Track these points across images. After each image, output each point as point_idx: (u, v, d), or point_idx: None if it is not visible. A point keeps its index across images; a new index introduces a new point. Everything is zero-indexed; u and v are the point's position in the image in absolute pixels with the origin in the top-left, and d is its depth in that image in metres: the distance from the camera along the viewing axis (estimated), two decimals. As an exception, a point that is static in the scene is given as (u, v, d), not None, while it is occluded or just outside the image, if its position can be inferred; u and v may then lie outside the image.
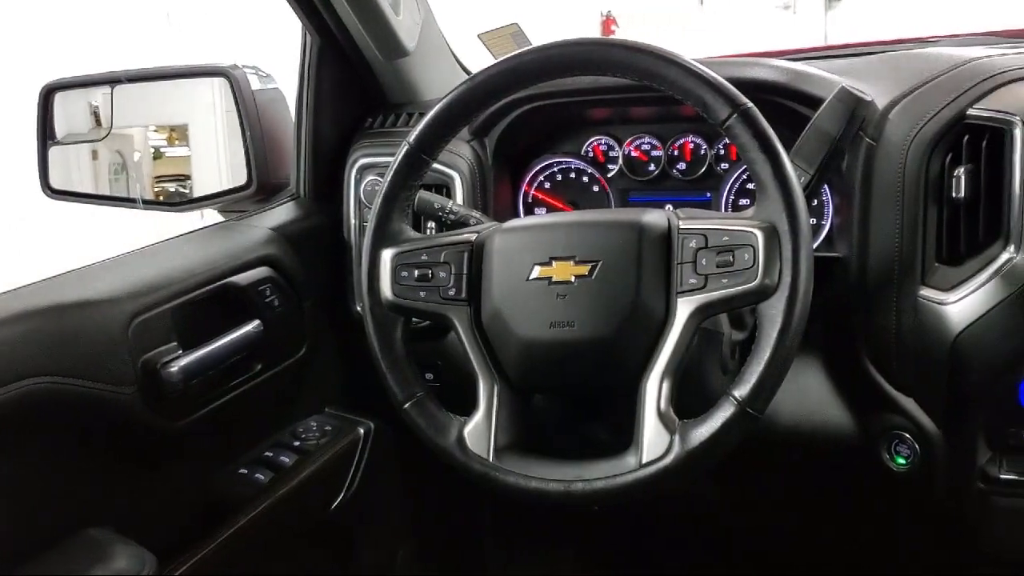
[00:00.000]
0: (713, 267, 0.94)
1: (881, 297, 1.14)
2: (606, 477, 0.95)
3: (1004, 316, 1.03)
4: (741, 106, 0.94)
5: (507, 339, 1.02)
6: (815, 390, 1.24)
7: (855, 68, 1.30)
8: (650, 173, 1.42)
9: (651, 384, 0.95)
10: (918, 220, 1.10)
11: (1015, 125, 1.02)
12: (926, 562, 1.31)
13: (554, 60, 1.02)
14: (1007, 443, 1.07)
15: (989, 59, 1.12)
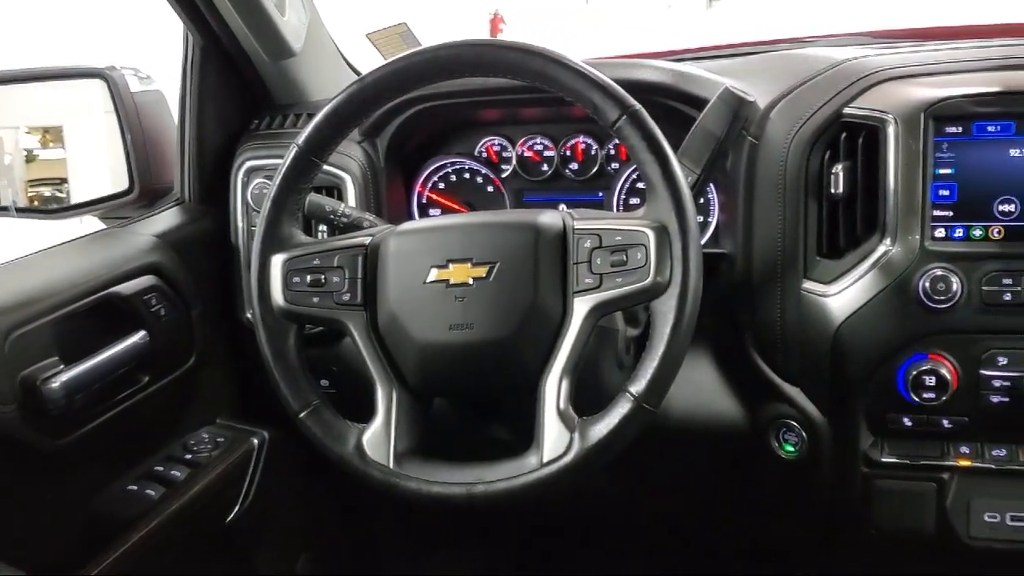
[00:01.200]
0: (607, 266, 0.95)
1: (766, 291, 1.18)
2: (508, 478, 0.95)
3: (882, 306, 1.08)
4: (630, 108, 0.96)
5: (405, 343, 1.01)
6: (706, 382, 1.28)
7: (737, 68, 1.34)
8: (543, 173, 1.43)
9: (550, 383, 0.95)
10: (799, 216, 1.14)
11: (888, 123, 1.07)
12: (817, 544, 1.37)
13: (444, 61, 1.02)
14: (888, 428, 1.12)
15: (863, 59, 1.17)
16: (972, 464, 1.11)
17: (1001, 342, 1.06)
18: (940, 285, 1.05)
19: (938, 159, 1.06)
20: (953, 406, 1.07)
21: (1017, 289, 1.04)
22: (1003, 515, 1.10)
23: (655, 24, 8.71)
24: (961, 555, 1.13)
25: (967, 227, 1.06)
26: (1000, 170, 1.05)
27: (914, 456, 1.13)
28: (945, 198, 1.06)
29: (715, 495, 1.43)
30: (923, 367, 1.07)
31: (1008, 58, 1.10)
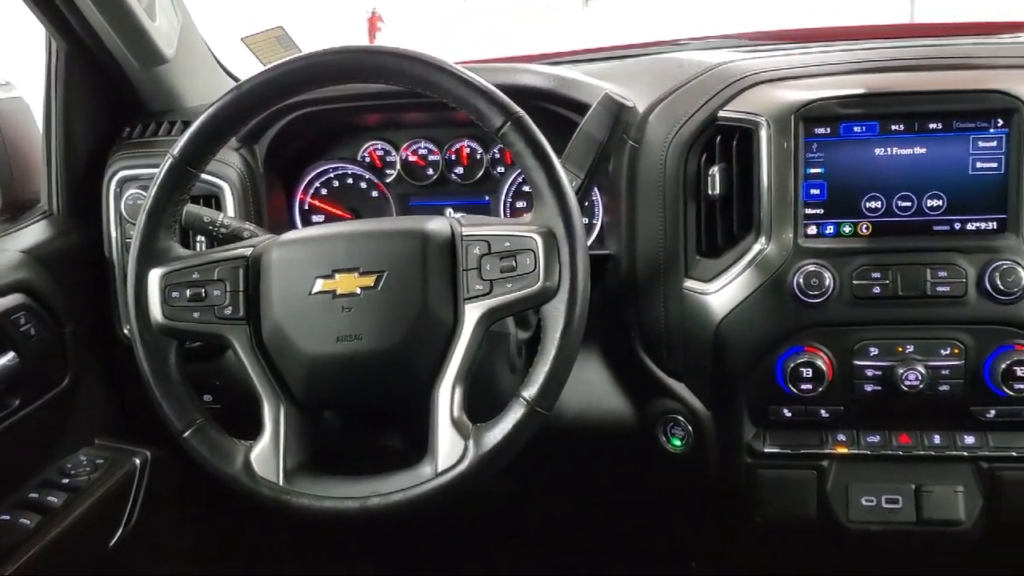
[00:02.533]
0: (497, 272, 0.95)
1: (650, 290, 1.20)
2: (403, 489, 0.95)
3: (759, 302, 1.12)
4: (514, 115, 0.96)
5: (291, 357, 0.99)
6: (596, 381, 1.30)
7: (615, 72, 1.36)
8: (429, 178, 1.43)
9: (443, 392, 0.95)
10: (679, 217, 1.17)
11: (760, 125, 1.11)
12: (707, 533, 1.41)
13: (324, 68, 1.00)
14: (769, 419, 1.16)
15: (735, 63, 1.21)
16: (849, 451, 1.16)
17: (872, 333, 1.11)
18: (813, 280, 1.09)
19: (808, 159, 1.10)
20: (829, 396, 1.12)
21: (885, 282, 1.09)
22: (879, 498, 1.15)
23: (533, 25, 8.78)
24: (842, 538, 1.18)
25: (837, 224, 1.11)
26: (866, 169, 1.10)
27: (795, 446, 1.17)
28: (816, 197, 1.11)
29: (608, 491, 1.46)
30: (800, 360, 1.11)
31: (871, 61, 1.15)
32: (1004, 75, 1.09)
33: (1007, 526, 1.14)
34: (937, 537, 1.16)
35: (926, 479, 1.15)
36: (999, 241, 1.07)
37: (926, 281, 1.08)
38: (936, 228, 1.09)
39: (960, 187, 1.08)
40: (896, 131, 1.08)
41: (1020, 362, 1.06)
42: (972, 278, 1.07)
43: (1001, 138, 1.06)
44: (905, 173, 1.09)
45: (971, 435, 1.14)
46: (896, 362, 1.10)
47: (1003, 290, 1.05)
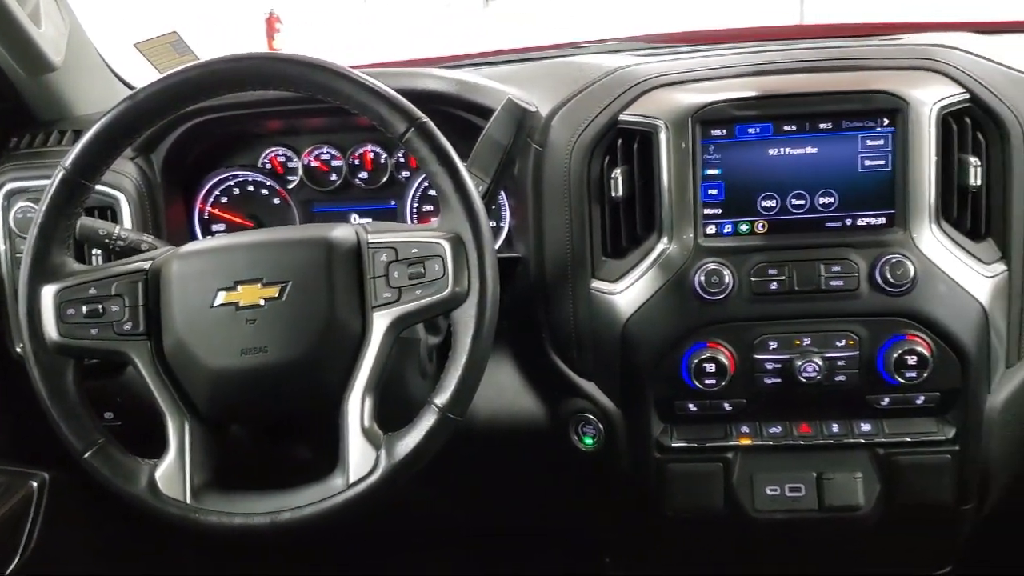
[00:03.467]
0: (405, 279, 0.95)
1: (558, 291, 1.22)
2: (314, 502, 0.94)
3: (664, 301, 1.15)
4: (417, 120, 0.96)
5: (195, 372, 0.97)
6: (508, 383, 1.31)
7: (517, 75, 1.37)
8: (332, 183, 1.41)
9: (353, 402, 0.95)
10: (584, 218, 1.18)
11: (660, 128, 1.13)
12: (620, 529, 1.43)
13: (223, 76, 0.99)
14: (676, 414, 1.19)
15: (635, 67, 1.23)
16: (752, 443, 1.19)
17: (771, 328, 1.14)
18: (714, 278, 1.12)
19: (706, 160, 1.13)
20: (732, 390, 1.15)
21: (782, 278, 1.12)
22: (782, 487, 1.19)
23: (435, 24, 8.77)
24: (748, 528, 1.21)
25: (735, 223, 1.14)
26: (761, 169, 1.13)
27: (701, 439, 1.19)
28: (714, 197, 1.14)
29: (522, 492, 1.47)
30: (703, 355, 1.13)
31: (764, 64, 1.19)
32: (889, 76, 1.13)
33: (902, 509, 1.19)
34: (839, 522, 1.20)
35: (826, 467, 1.19)
36: (888, 235, 1.12)
37: (820, 276, 1.12)
38: (828, 225, 1.13)
39: (850, 184, 1.12)
40: (788, 132, 1.12)
41: (911, 351, 1.11)
42: (864, 272, 1.11)
43: (887, 136, 1.11)
44: (798, 172, 1.12)
45: (867, 423, 1.18)
46: (794, 355, 1.13)
47: (893, 282, 1.10)
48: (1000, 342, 1.15)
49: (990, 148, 1.13)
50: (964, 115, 1.13)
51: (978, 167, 1.11)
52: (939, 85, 1.12)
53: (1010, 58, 1.19)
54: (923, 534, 1.28)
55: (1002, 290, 1.13)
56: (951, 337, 1.11)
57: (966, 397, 1.15)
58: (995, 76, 1.15)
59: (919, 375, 1.11)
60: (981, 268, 1.12)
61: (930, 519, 1.23)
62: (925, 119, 1.09)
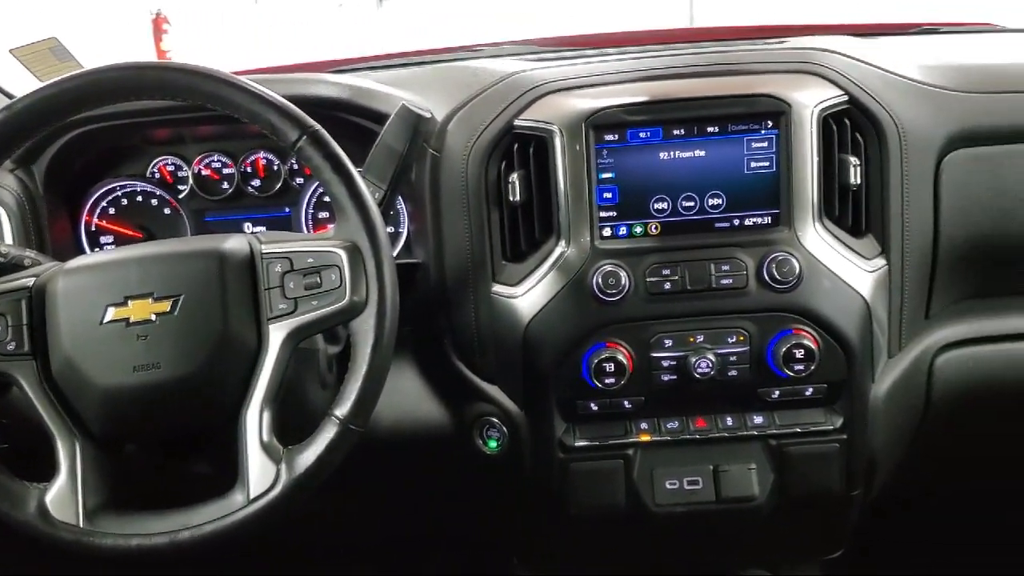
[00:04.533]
0: (301, 290, 0.94)
1: (459, 296, 1.22)
2: (215, 519, 0.92)
3: (563, 303, 1.16)
4: (309, 129, 0.95)
5: (85, 391, 0.94)
6: (410, 389, 1.30)
7: (411, 80, 1.37)
8: (224, 192, 1.38)
9: (251, 416, 0.93)
10: (483, 223, 1.19)
11: (555, 133, 1.15)
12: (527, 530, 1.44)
13: (107, 85, 0.96)
14: (578, 414, 1.21)
15: (529, 72, 1.24)
16: (651, 439, 1.22)
17: (666, 327, 1.17)
18: (611, 280, 1.14)
19: (600, 164, 1.15)
20: (631, 388, 1.17)
21: (675, 278, 1.15)
22: (681, 481, 1.22)
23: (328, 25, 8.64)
24: (650, 522, 1.24)
25: (630, 225, 1.16)
26: (653, 172, 1.16)
27: (602, 437, 1.22)
28: (609, 200, 1.16)
29: (429, 497, 1.47)
30: (603, 355, 1.15)
31: (654, 69, 1.21)
32: (773, 79, 1.17)
33: (795, 497, 1.24)
34: (735, 513, 1.24)
35: (722, 459, 1.22)
36: (774, 234, 1.16)
37: (711, 275, 1.15)
38: (718, 225, 1.16)
39: (737, 186, 1.16)
40: (678, 135, 1.15)
41: (798, 345, 1.15)
42: (752, 270, 1.15)
43: (772, 138, 1.15)
44: (687, 175, 1.15)
45: (760, 415, 1.22)
46: (689, 352, 1.16)
47: (779, 279, 1.14)
48: (882, 334, 1.21)
49: (868, 148, 1.18)
50: (844, 116, 1.18)
51: (857, 166, 1.16)
52: (819, 88, 1.17)
53: (886, 60, 1.25)
54: (815, 520, 1.33)
55: (882, 284, 1.19)
56: (836, 330, 1.16)
57: (851, 388, 1.20)
58: (872, 79, 1.20)
59: (806, 368, 1.15)
60: (862, 263, 1.17)
61: (821, 506, 1.28)
62: (807, 121, 1.14)
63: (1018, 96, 1.24)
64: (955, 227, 1.21)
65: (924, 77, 1.25)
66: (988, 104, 1.23)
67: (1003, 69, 1.31)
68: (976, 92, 1.24)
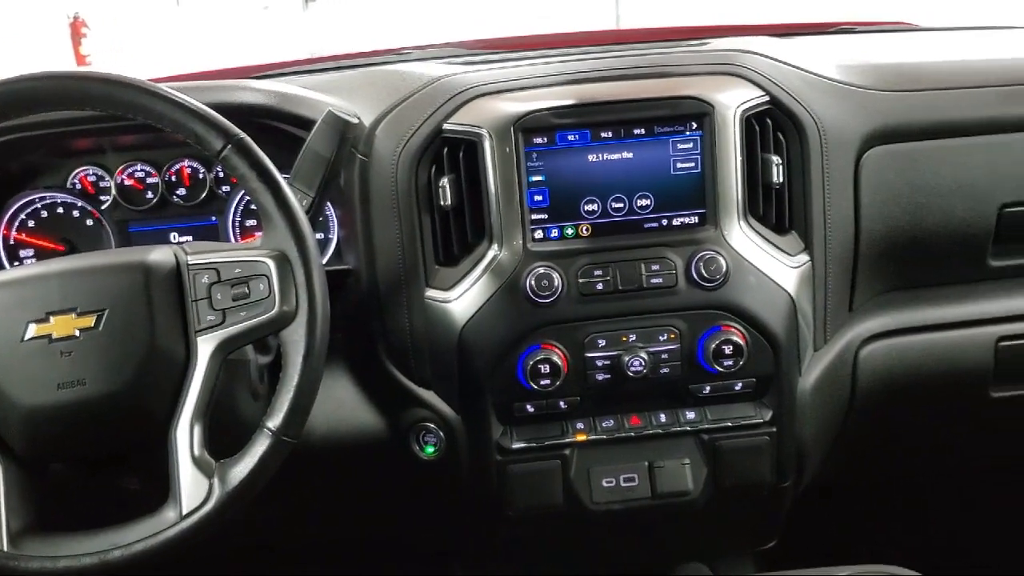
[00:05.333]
0: (229, 301, 0.93)
1: (393, 302, 1.22)
2: (146, 537, 0.90)
3: (497, 306, 1.17)
4: (234, 137, 0.94)
5: (7, 411, 0.92)
6: (345, 397, 1.29)
7: (338, 84, 1.36)
8: (148, 201, 1.35)
9: (181, 430, 0.92)
10: (415, 228, 1.19)
11: (484, 137, 1.15)
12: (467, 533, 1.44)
13: (23, 96, 0.93)
14: (514, 416, 1.21)
15: (457, 76, 1.24)
16: (588, 438, 1.23)
17: (599, 327, 1.18)
18: (544, 282, 1.15)
19: (530, 168, 1.16)
20: (566, 388, 1.18)
21: (607, 279, 1.16)
22: (617, 478, 1.23)
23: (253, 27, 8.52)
24: (588, 520, 1.25)
25: (561, 227, 1.17)
26: (582, 175, 1.17)
27: (539, 438, 1.22)
28: (539, 203, 1.17)
29: (367, 505, 1.46)
30: (538, 357, 1.16)
31: (581, 72, 1.22)
32: (696, 82, 1.19)
33: (728, 489, 1.26)
34: (671, 507, 1.25)
35: (657, 455, 1.24)
36: (701, 233, 1.18)
37: (641, 275, 1.17)
38: (647, 226, 1.18)
39: (664, 187, 1.17)
40: (606, 138, 1.16)
41: (727, 341, 1.17)
42: (681, 269, 1.17)
43: (696, 140, 1.17)
44: (616, 177, 1.17)
45: (692, 411, 1.24)
46: (622, 351, 1.18)
47: (707, 277, 1.16)
48: (808, 328, 1.24)
49: (790, 147, 1.21)
50: (765, 117, 1.20)
51: (780, 165, 1.19)
52: (741, 89, 1.19)
53: (806, 60, 1.29)
54: (748, 512, 1.36)
55: (807, 279, 1.22)
56: (763, 326, 1.19)
57: (779, 381, 1.22)
58: (792, 79, 1.23)
59: (736, 363, 1.18)
60: (787, 260, 1.20)
61: (753, 497, 1.30)
62: (730, 122, 1.16)
63: (931, 94, 1.29)
64: (874, 222, 1.25)
65: (842, 76, 1.28)
66: (903, 102, 1.27)
67: (917, 68, 1.35)
68: (891, 91, 1.28)
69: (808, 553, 1.38)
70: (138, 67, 1.65)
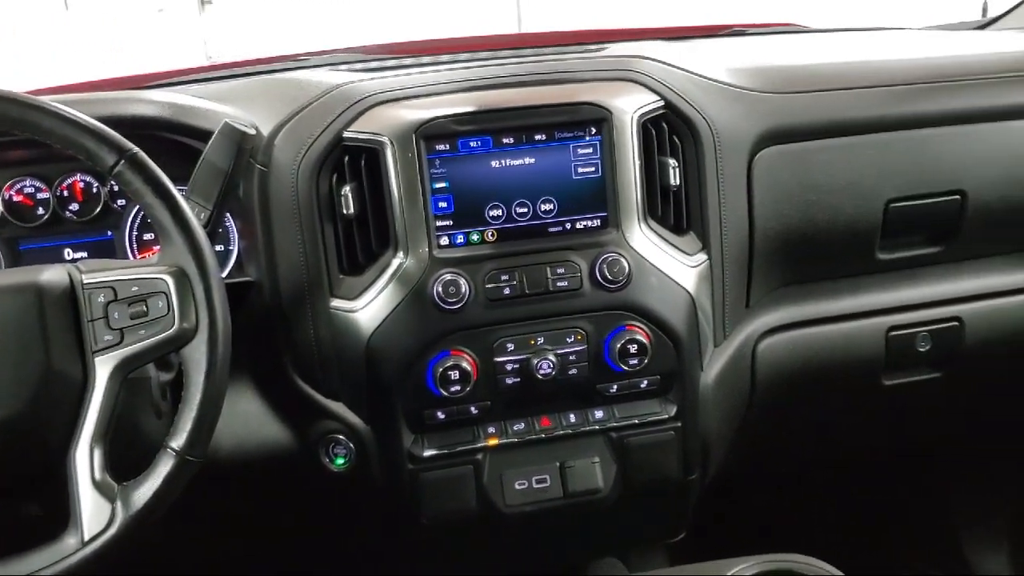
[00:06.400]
0: (127, 320, 0.91)
1: (297, 313, 1.20)
2: (47, 566, 0.88)
3: (404, 314, 1.16)
4: (127, 152, 0.92)
5: None
6: (251, 412, 1.27)
7: (235, 93, 1.33)
8: (40, 218, 1.30)
9: (81, 454, 0.89)
10: (317, 237, 1.18)
11: (385, 145, 1.15)
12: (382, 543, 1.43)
13: None
14: (425, 424, 1.21)
15: (357, 84, 1.23)
16: (499, 442, 1.24)
17: (508, 331, 1.19)
18: (451, 288, 1.15)
19: (433, 175, 1.16)
20: (477, 393, 1.19)
21: (513, 283, 1.17)
22: (529, 480, 1.25)
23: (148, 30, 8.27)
24: (502, 523, 1.26)
25: (466, 233, 1.18)
26: (486, 180, 1.17)
27: (451, 445, 1.23)
28: (444, 209, 1.17)
29: (279, 520, 1.44)
30: (447, 364, 1.16)
31: (482, 78, 1.23)
32: (594, 87, 1.21)
33: (637, 485, 1.28)
34: (582, 506, 1.27)
35: (568, 456, 1.26)
36: (604, 236, 1.20)
37: (547, 278, 1.18)
38: (551, 230, 1.19)
39: (567, 191, 1.19)
40: (507, 144, 1.17)
41: (632, 340, 1.20)
42: (585, 271, 1.19)
43: (596, 145, 1.19)
44: (519, 182, 1.18)
45: (600, 410, 1.26)
46: (531, 354, 1.19)
47: (611, 279, 1.18)
48: (708, 324, 1.27)
49: (685, 150, 1.25)
50: (661, 121, 1.23)
51: (676, 168, 1.22)
52: (637, 94, 1.22)
53: (698, 65, 1.32)
54: (657, 506, 1.39)
55: (705, 277, 1.25)
56: (665, 324, 1.21)
57: (683, 377, 1.26)
58: (685, 84, 1.26)
59: (640, 361, 1.20)
60: (686, 259, 1.23)
61: (661, 492, 1.33)
62: (627, 127, 1.18)
63: (818, 95, 1.34)
64: (768, 220, 1.29)
65: (733, 80, 1.32)
66: (792, 103, 1.32)
67: (804, 70, 1.40)
68: (781, 92, 1.32)
69: (719, 544, 1.41)
70: (25, 79, 1.57)
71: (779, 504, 1.98)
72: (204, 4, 9.33)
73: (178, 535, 1.34)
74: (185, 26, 8.64)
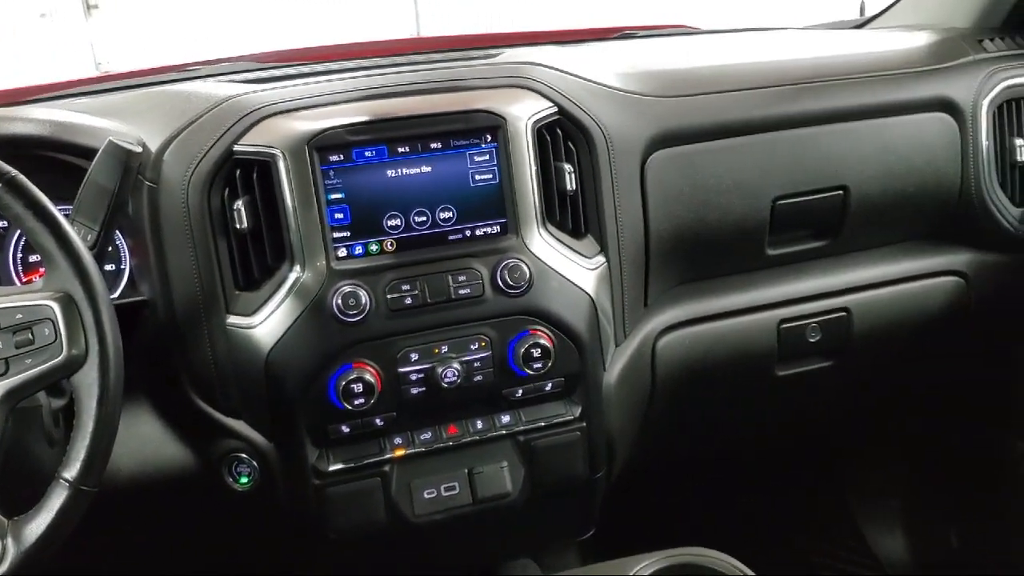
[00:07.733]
0: (12, 349, 0.88)
1: (192, 332, 1.18)
2: None
3: (303, 328, 1.15)
4: (4, 176, 0.89)
5: None
6: (150, 434, 1.24)
7: (121, 107, 1.30)
8: (-89, 243, 1.24)
9: None
10: (211, 253, 1.15)
11: (278, 157, 1.13)
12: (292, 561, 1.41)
13: None
14: (330, 438, 1.20)
15: (247, 96, 1.21)
16: (406, 452, 1.23)
17: (411, 341, 1.19)
18: (351, 300, 1.14)
19: (328, 185, 1.15)
20: (382, 405, 1.18)
21: (415, 292, 1.17)
22: (438, 489, 1.25)
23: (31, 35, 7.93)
24: (412, 533, 1.26)
25: (365, 244, 1.17)
26: (382, 190, 1.17)
27: (357, 458, 1.22)
28: (341, 220, 1.16)
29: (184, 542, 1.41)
30: (350, 377, 1.15)
31: (376, 87, 1.22)
32: (488, 95, 1.22)
33: (545, 486, 1.30)
34: (492, 511, 1.28)
35: (476, 462, 1.26)
36: (503, 242, 1.21)
37: (449, 286, 1.18)
38: (451, 238, 1.20)
39: (465, 199, 1.19)
40: (403, 153, 1.17)
41: (535, 344, 1.21)
42: (487, 278, 1.19)
43: (492, 152, 1.20)
44: (417, 191, 1.18)
45: (507, 414, 1.27)
46: (435, 363, 1.19)
47: (512, 284, 1.19)
48: (609, 325, 1.29)
49: (580, 155, 1.26)
50: (556, 127, 1.25)
51: (572, 173, 1.24)
52: (531, 101, 1.23)
53: (590, 70, 1.34)
54: (565, 505, 1.41)
55: (604, 279, 1.27)
56: (567, 327, 1.23)
57: (586, 378, 1.27)
58: (577, 90, 1.28)
59: (544, 365, 1.22)
60: (585, 262, 1.25)
61: (569, 491, 1.35)
62: (522, 133, 1.20)
63: (705, 98, 1.38)
64: (662, 222, 1.32)
65: (624, 85, 1.35)
66: (680, 107, 1.35)
67: (691, 73, 1.43)
68: (669, 96, 1.35)
69: (629, 540, 1.44)
70: None
71: (684, 498, 2.02)
72: (90, 8, 9.00)
73: (78, 566, 1.29)
74: (71, 31, 8.33)
